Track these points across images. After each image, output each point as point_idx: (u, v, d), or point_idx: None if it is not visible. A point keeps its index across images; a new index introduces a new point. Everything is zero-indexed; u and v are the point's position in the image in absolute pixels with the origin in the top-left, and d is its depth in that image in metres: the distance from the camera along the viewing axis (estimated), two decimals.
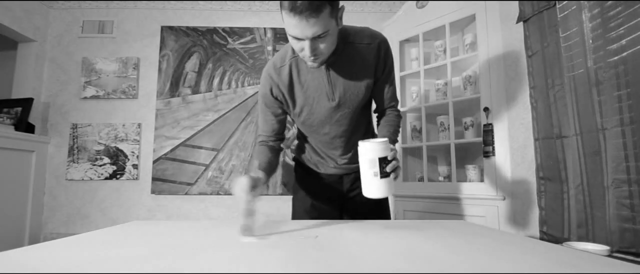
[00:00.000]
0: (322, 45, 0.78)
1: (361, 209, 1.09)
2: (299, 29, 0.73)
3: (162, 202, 2.30)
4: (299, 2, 0.69)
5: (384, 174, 0.76)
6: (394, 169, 0.77)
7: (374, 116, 1.09)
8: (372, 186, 0.77)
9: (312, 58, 0.80)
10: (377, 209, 1.09)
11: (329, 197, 1.10)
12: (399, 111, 1.04)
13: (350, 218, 1.10)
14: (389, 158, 0.76)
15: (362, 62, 0.91)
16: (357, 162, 1.08)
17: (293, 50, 0.91)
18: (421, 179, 2.06)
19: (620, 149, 1.13)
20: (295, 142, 1.20)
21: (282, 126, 1.01)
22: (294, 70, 0.91)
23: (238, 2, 2.44)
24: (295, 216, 1.12)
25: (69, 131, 2.30)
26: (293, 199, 1.16)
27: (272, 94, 0.94)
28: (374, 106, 1.06)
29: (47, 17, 2.39)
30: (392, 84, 1.00)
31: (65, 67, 2.37)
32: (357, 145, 0.80)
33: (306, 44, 0.76)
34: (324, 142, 1.03)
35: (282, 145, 1.05)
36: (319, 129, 0.99)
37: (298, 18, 0.71)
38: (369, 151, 0.76)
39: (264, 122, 0.99)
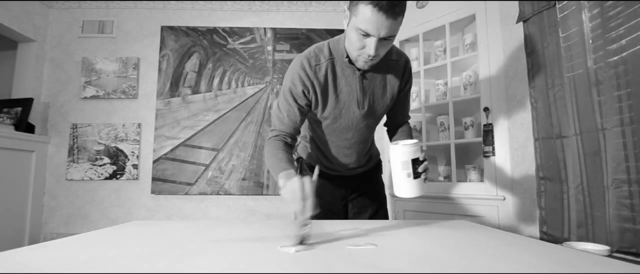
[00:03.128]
0: (383, 48, 0.79)
1: (362, 210, 1.11)
2: (375, 26, 0.72)
3: (162, 202, 2.30)
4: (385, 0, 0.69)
5: (416, 175, 0.78)
6: (425, 170, 0.80)
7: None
8: (406, 187, 0.80)
9: (370, 57, 0.79)
10: (377, 210, 1.12)
11: (334, 197, 1.11)
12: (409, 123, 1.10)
13: (352, 218, 1.11)
14: (420, 159, 0.79)
15: (391, 76, 0.94)
16: (361, 166, 1.09)
17: (330, 52, 0.90)
18: None
19: (620, 149, 1.13)
20: (300, 142, 1.18)
21: (302, 123, 0.97)
22: (329, 72, 0.90)
23: (238, 2, 2.44)
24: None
25: (69, 131, 2.30)
26: None
27: (303, 91, 0.90)
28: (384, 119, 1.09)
29: (47, 17, 2.39)
30: (409, 99, 1.06)
31: (65, 67, 2.37)
32: (366, 153, 0.80)
33: (372, 42, 0.75)
34: (341, 147, 1.01)
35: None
36: (341, 134, 0.99)
37: (379, 15, 0.70)
38: (403, 154, 0.78)
39: (286, 117, 0.93)
